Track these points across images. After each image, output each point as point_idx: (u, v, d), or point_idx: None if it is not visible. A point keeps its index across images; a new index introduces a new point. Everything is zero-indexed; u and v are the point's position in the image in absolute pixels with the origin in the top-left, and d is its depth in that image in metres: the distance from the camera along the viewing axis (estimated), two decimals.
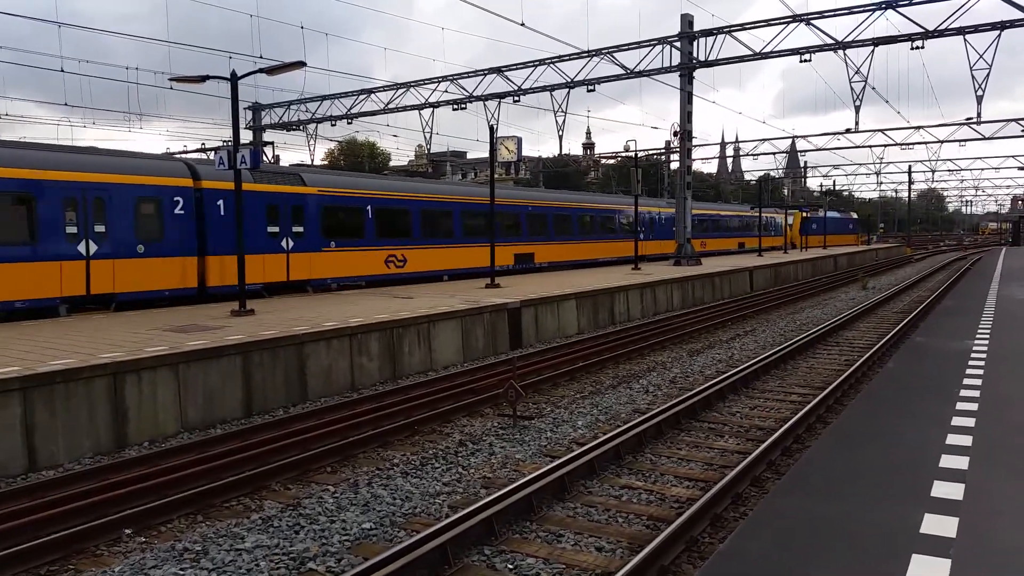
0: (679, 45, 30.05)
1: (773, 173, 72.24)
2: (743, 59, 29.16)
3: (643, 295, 22.48)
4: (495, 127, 26.55)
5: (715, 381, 12.04)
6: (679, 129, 32.87)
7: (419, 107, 36.38)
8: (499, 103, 34.13)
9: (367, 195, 21.71)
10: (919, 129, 45.91)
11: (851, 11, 26.90)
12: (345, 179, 22.62)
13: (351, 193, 21.30)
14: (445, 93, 35.37)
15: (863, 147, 48.44)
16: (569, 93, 33.09)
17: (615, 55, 30.91)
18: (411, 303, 16.60)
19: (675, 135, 36.66)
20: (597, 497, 7.48)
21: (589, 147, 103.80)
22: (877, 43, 27.26)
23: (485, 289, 20.25)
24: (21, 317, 14.15)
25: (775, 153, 59.81)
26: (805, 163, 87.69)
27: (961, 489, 5.61)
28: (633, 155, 33.74)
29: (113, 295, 15.53)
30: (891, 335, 16.71)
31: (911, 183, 76.00)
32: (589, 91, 31.85)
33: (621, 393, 12.27)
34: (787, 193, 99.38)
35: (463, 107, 35.22)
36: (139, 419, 9.75)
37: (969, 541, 4.70)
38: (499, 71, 33.22)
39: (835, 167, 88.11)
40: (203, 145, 46.15)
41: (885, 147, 50.50)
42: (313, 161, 43.77)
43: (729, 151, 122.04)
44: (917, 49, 26.69)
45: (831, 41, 27.49)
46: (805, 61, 28.09)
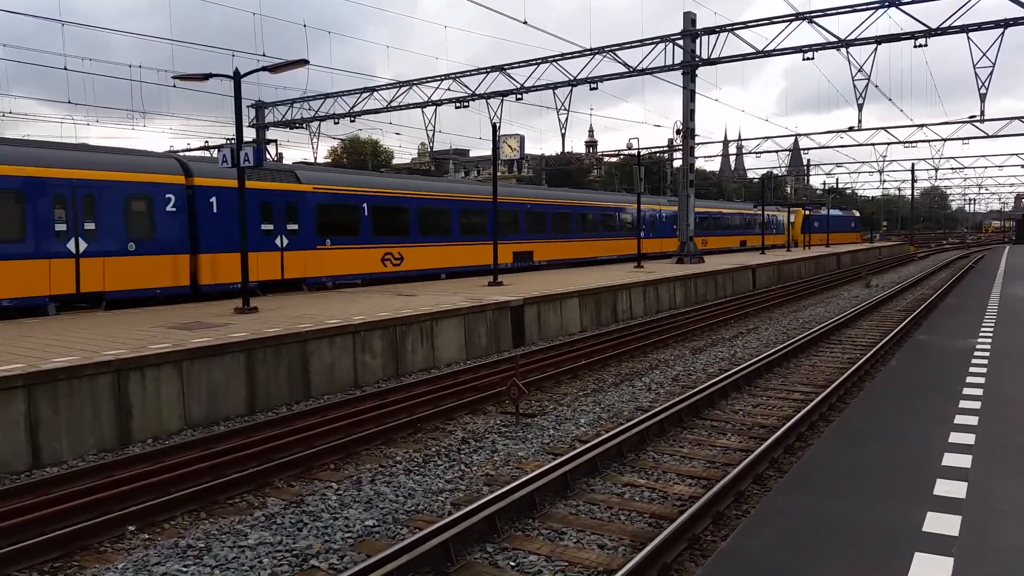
0: (682, 43, 30.03)
1: (776, 171, 72.06)
2: (746, 57, 29.12)
3: (646, 293, 22.47)
4: (498, 125, 26.59)
5: (718, 379, 12.04)
6: (682, 127, 32.85)
7: (422, 105, 36.35)
8: (502, 101, 34.07)
9: (363, 192, 21.56)
10: (922, 127, 45.92)
11: (854, 9, 26.86)
12: (341, 176, 22.48)
13: (346, 190, 21.14)
14: (448, 91, 35.36)
15: (866, 145, 48.41)
16: (572, 91, 33.02)
17: (618, 53, 30.87)
18: (414, 301, 16.62)
19: (678, 133, 36.56)
20: (599, 495, 7.49)
21: (592, 145, 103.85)
22: (880, 41, 27.21)
23: (488, 287, 20.26)
24: (9, 316, 14.01)
25: (778, 151, 59.90)
26: (808, 161, 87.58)
27: (964, 487, 5.61)
28: (636, 153, 33.65)
29: (103, 293, 15.38)
30: (894, 333, 16.70)
31: (914, 181, 75.84)
32: (592, 89, 31.81)
33: (624, 391, 12.27)
34: (790, 191, 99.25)
35: (466, 105, 35.20)
36: (143, 416, 9.78)
37: (972, 539, 4.70)
38: (502, 69, 33.17)
39: (838, 165, 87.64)
40: (206, 143, 46.25)
41: (888, 145, 50.55)
42: (316, 159, 43.77)
43: (732, 149, 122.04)
44: (920, 47, 26.68)
45: (834, 39, 27.44)
46: (808, 59, 28.08)
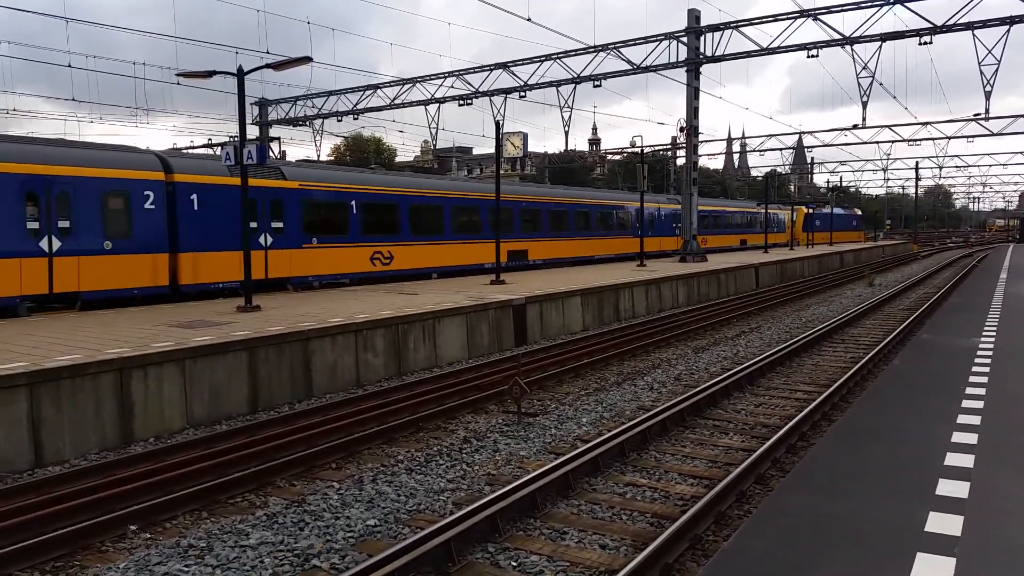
0: (686, 40, 29.98)
1: (780, 169, 71.89)
2: (750, 54, 29.01)
3: (648, 292, 22.44)
4: (501, 123, 26.51)
5: (720, 378, 12.02)
6: (685, 125, 32.81)
7: (425, 103, 36.32)
8: (505, 99, 33.99)
9: (351, 189, 21.05)
10: (926, 125, 45.77)
11: (859, 6, 26.78)
12: (328, 173, 22.11)
13: (334, 187, 20.62)
14: (451, 89, 35.27)
15: (870, 143, 48.26)
16: (575, 88, 32.91)
17: (621, 50, 30.83)
18: (416, 299, 16.62)
19: (681, 131, 36.51)
20: (601, 495, 7.48)
21: (595, 143, 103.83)
22: (885, 38, 27.11)
23: (490, 285, 20.25)
24: None
25: (782, 149, 59.64)
26: (812, 159, 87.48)
27: (966, 487, 5.59)
28: (639, 151, 33.60)
29: (78, 293, 14.92)
30: (897, 332, 16.67)
31: (918, 179, 75.67)
32: (595, 87, 31.73)
33: (626, 390, 12.26)
34: (793, 189, 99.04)
35: (469, 103, 35.14)
36: (145, 415, 9.79)
37: (974, 539, 4.68)
38: (505, 66, 33.12)
39: (842, 163, 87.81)
40: (210, 140, 46.25)
41: (892, 143, 50.34)
42: (319, 157, 43.76)
43: (736, 147, 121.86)
44: (925, 44, 26.60)
45: (838, 36, 27.34)
46: (812, 56, 27.99)
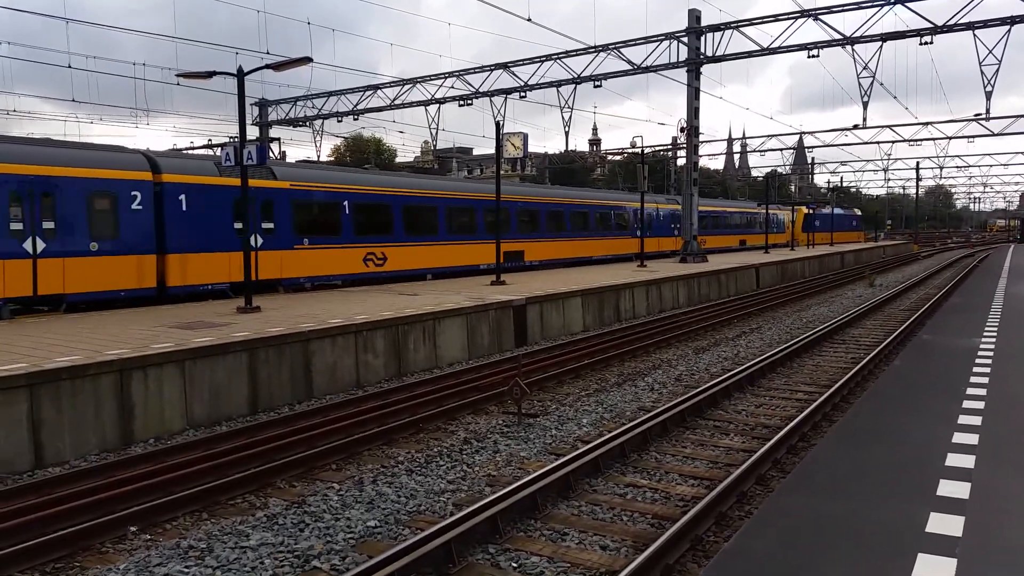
0: (686, 40, 29.98)
1: (780, 169, 71.90)
2: (751, 54, 29.02)
3: (649, 292, 22.44)
4: (501, 123, 26.50)
5: (721, 379, 12.01)
6: (686, 125, 32.79)
7: (425, 103, 36.34)
8: (505, 99, 34.02)
9: (344, 190, 20.75)
10: (927, 125, 45.81)
11: (859, 6, 26.79)
12: (320, 173, 21.89)
13: (326, 187, 20.34)
14: (451, 89, 35.30)
15: (871, 143, 48.35)
16: (575, 89, 32.94)
17: (622, 50, 30.84)
18: (416, 300, 16.61)
19: (682, 131, 36.48)
20: (602, 495, 7.48)
21: (595, 143, 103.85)
22: (885, 38, 27.13)
23: (490, 286, 20.25)
24: None
25: (782, 149, 59.72)
26: (812, 159, 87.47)
27: (967, 488, 5.58)
28: (639, 151, 33.58)
29: (63, 296, 14.71)
30: (898, 333, 16.66)
31: (919, 179, 75.68)
32: (596, 87, 31.75)
33: (626, 391, 12.25)
34: (794, 190, 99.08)
35: (469, 103, 35.17)
36: (145, 416, 9.79)
37: (975, 540, 4.67)
38: (505, 67, 33.13)
39: (843, 163, 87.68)
40: (210, 141, 46.28)
41: (893, 143, 50.40)
42: (319, 157, 43.77)
43: (736, 147, 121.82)
44: (926, 44, 26.60)
45: (839, 36, 27.35)
46: (813, 57, 28.00)
